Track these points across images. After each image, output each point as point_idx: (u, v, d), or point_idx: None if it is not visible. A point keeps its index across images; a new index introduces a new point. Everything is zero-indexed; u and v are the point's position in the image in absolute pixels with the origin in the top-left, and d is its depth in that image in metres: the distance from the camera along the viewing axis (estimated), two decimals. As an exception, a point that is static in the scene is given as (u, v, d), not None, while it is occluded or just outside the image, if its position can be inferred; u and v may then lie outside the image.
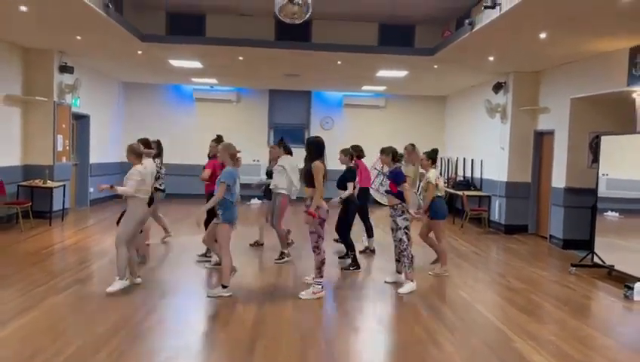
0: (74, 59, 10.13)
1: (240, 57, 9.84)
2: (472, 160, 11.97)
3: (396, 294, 5.77)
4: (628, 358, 4.39)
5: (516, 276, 6.89)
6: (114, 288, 5.30)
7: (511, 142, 10.17)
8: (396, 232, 5.97)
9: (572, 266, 7.23)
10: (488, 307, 5.59)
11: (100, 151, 12.18)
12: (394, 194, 5.92)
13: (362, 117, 14.68)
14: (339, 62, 9.93)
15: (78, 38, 8.57)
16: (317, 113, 14.75)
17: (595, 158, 7.91)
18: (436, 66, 9.95)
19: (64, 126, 10.25)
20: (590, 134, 8.62)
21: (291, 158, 7.29)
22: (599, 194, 7.27)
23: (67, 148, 10.44)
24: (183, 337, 4.43)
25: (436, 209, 6.72)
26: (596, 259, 7.10)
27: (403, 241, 5.90)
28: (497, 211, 10.55)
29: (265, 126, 14.60)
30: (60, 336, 4.23)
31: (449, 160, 13.57)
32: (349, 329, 4.82)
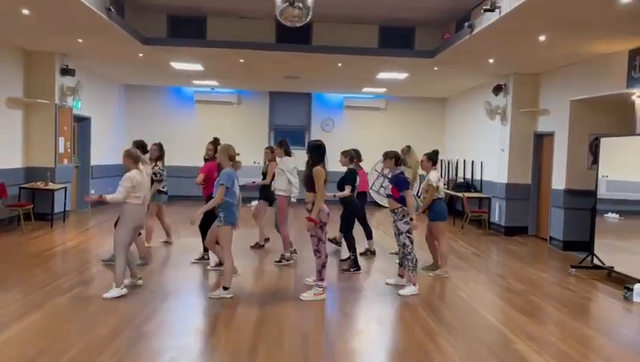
0: (75, 61, 10.17)
1: (241, 60, 9.88)
2: (472, 161, 12.00)
3: (397, 296, 5.79)
4: (627, 359, 4.41)
5: (516, 277, 6.91)
6: (110, 295, 5.28)
7: (511, 143, 10.19)
8: (399, 237, 6.00)
9: (572, 268, 7.25)
10: (488, 308, 5.62)
11: (101, 153, 12.22)
12: (396, 198, 5.94)
13: (363, 119, 14.72)
14: (339, 64, 9.97)
15: (80, 41, 8.61)
16: (317, 115, 14.79)
17: (595, 160, 7.94)
18: (436, 68, 9.99)
19: (66, 128, 10.28)
20: (590, 136, 8.65)
21: (290, 160, 7.26)
22: (599, 195, 7.29)
23: (68, 150, 10.47)
24: (185, 339, 4.46)
25: (437, 210, 6.75)
26: (596, 261, 7.12)
27: (406, 245, 5.92)
28: (497, 213, 10.57)
29: (265, 128, 14.63)
30: (63, 338, 4.26)
31: (449, 161, 13.59)
32: (350, 330, 4.85)
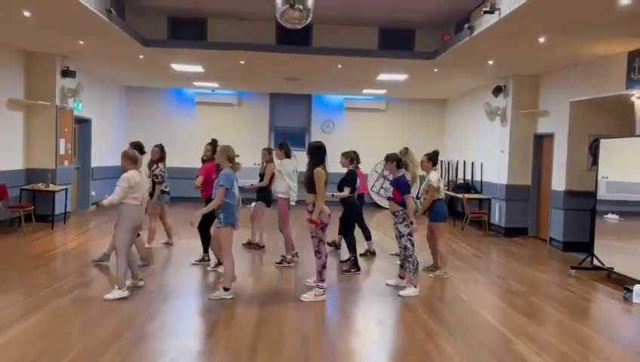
0: (76, 63, 10.19)
1: (241, 61, 9.90)
2: (472, 163, 12.01)
3: (397, 297, 5.80)
4: (627, 360, 4.42)
5: (516, 278, 6.92)
6: (111, 296, 5.29)
7: (511, 145, 10.21)
8: (400, 239, 6.01)
9: (572, 269, 7.26)
10: (488, 309, 5.64)
11: (102, 154, 12.23)
12: (397, 201, 5.95)
13: (363, 120, 14.73)
14: (339, 66, 9.99)
15: (81, 43, 8.63)
16: (317, 116, 14.81)
17: (595, 161, 7.95)
18: (436, 70, 10.01)
19: (66, 130, 10.30)
20: (590, 137, 8.66)
21: (290, 162, 7.25)
22: (599, 196, 7.30)
23: (69, 151, 10.49)
24: (186, 339, 4.47)
25: (437, 211, 6.76)
26: (596, 262, 7.13)
27: (408, 248, 5.93)
28: (497, 214, 10.58)
29: (266, 129, 14.65)
30: (64, 339, 4.27)
31: (449, 163, 13.61)
32: (350, 331, 4.86)
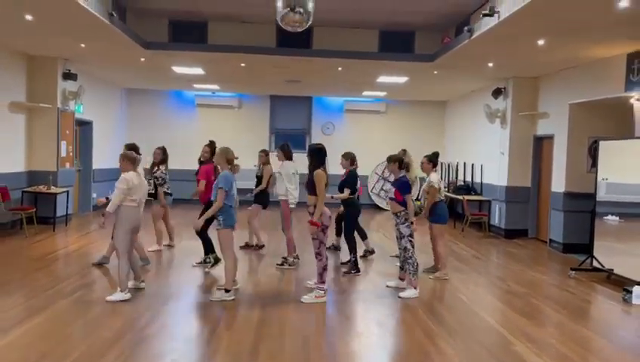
0: (77, 66, 10.24)
1: (242, 64, 9.94)
2: (472, 164, 12.04)
3: (397, 298, 5.82)
4: (626, 361, 4.44)
5: (516, 280, 6.95)
6: (114, 298, 5.31)
7: (511, 146, 10.24)
8: (400, 240, 6.03)
9: (571, 270, 7.28)
10: (488, 310, 5.66)
11: (103, 157, 12.27)
12: (398, 202, 5.97)
13: (363, 122, 14.77)
14: (339, 68, 10.03)
15: (82, 46, 8.67)
16: (318, 118, 14.84)
17: (594, 163, 7.98)
18: (436, 72, 10.04)
19: (68, 132, 10.34)
20: (589, 139, 8.69)
21: (291, 164, 7.24)
22: (599, 198, 7.32)
23: (71, 154, 10.53)
24: (187, 341, 4.50)
25: (438, 212, 6.78)
26: (595, 263, 7.15)
27: (408, 249, 5.95)
28: (497, 215, 10.61)
29: (266, 131, 14.69)
30: (66, 341, 4.29)
31: (449, 164, 13.63)
32: (351, 332, 4.88)
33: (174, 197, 8.14)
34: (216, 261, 6.71)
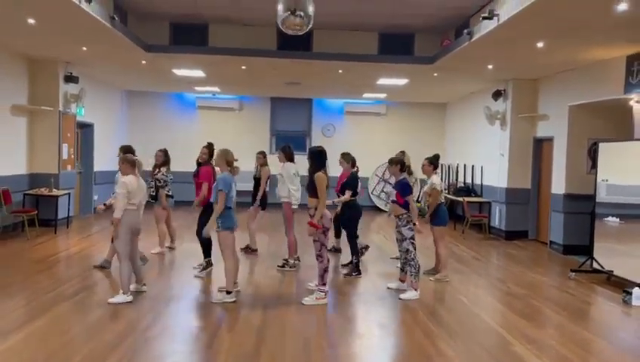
0: (79, 68, 10.27)
1: (243, 66, 9.98)
2: (473, 166, 12.06)
3: (397, 300, 5.84)
4: (625, 362, 4.47)
5: (516, 281, 6.97)
6: (116, 300, 5.33)
7: (511, 148, 10.26)
8: (402, 243, 6.05)
9: (571, 271, 7.30)
10: (488, 312, 5.68)
11: (104, 159, 12.29)
12: (400, 204, 5.99)
13: (363, 124, 14.80)
14: (340, 70, 10.06)
15: (84, 49, 8.71)
16: (318, 120, 14.88)
17: (594, 165, 8.00)
18: (436, 74, 10.07)
19: (69, 135, 10.38)
20: (589, 141, 8.71)
21: (291, 165, 7.25)
22: (599, 199, 7.34)
23: (72, 156, 10.57)
24: (189, 343, 4.53)
25: (439, 215, 6.81)
26: (595, 265, 7.18)
27: (410, 251, 5.97)
28: (498, 217, 10.63)
29: (267, 133, 14.72)
30: (68, 344, 4.31)
31: (449, 166, 13.66)
32: (352, 334, 4.91)
33: (175, 199, 8.17)
34: (207, 265, 6.71)
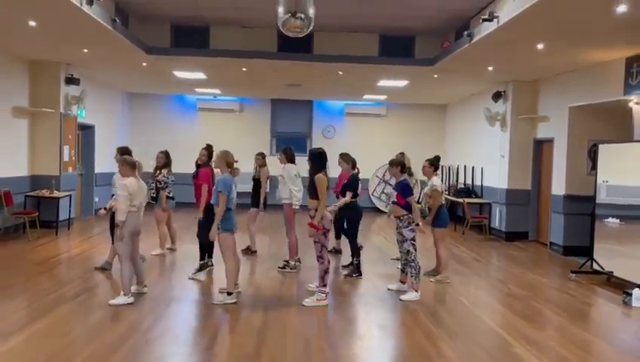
0: (80, 70, 10.30)
1: (243, 68, 10.00)
2: (473, 167, 12.08)
3: (398, 301, 5.86)
4: (625, 363, 4.48)
5: (516, 282, 6.97)
6: (117, 301, 5.35)
7: (511, 150, 10.28)
8: (403, 244, 6.07)
9: (572, 273, 7.31)
10: (489, 313, 5.69)
11: (105, 161, 12.28)
12: (401, 205, 6.01)
13: (364, 125, 14.82)
14: (340, 72, 10.09)
15: (85, 51, 8.74)
16: (319, 122, 14.90)
17: (594, 166, 8.01)
18: (436, 76, 10.09)
19: (70, 137, 10.40)
20: (589, 142, 8.73)
21: (292, 167, 7.27)
22: (599, 200, 7.36)
23: (73, 158, 10.59)
24: (190, 344, 4.55)
25: (439, 216, 6.82)
26: (595, 266, 7.18)
27: (410, 253, 5.99)
28: (498, 218, 10.64)
29: (267, 135, 14.75)
30: (69, 345, 4.33)
31: (450, 167, 13.68)
32: (352, 335, 4.92)
33: (176, 200, 8.18)
34: (200, 268, 6.71)
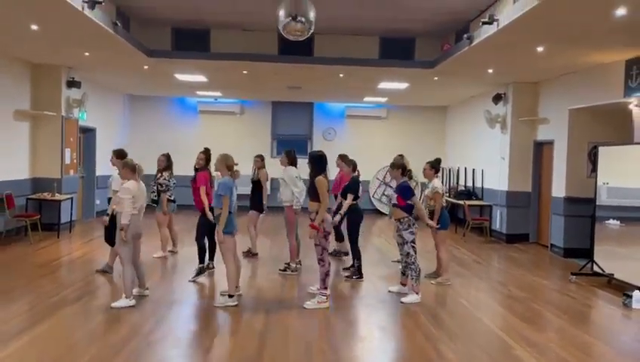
0: (81, 73, 10.33)
1: (244, 71, 10.03)
2: (473, 169, 12.09)
3: (399, 303, 5.87)
4: (625, 365, 4.49)
5: (517, 284, 6.99)
6: (118, 304, 5.37)
7: (511, 152, 10.29)
8: (403, 246, 6.09)
9: (572, 275, 7.32)
10: (489, 315, 5.71)
11: (106, 163, 12.27)
12: (401, 207, 6.03)
13: (364, 127, 14.85)
14: (341, 75, 10.11)
15: (87, 55, 8.77)
16: (319, 124, 14.93)
17: (594, 168, 8.03)
18: (436, 78, 10.11)
19: (72, 139, 10.43)
20: (589, 144, 8.74)
21: (293, 169, 7.30)
22: (599, 202, 7.37)
23: (75, 161, 10.61)
24: (191, 347, 4.57)
25: (440, 219, 6.83)
26: (596, 268, 7.19)
27: (410, 255, 6.01)
28: (498, 220, 10.65)
29: (268, 137, 14.77)
30: (72, 348, 4.35)
31: (450, 170, 13.70)
32: (353, 337, 4.94)
33: (177, 203, 8.20)
34: (199, 271, 6.73)
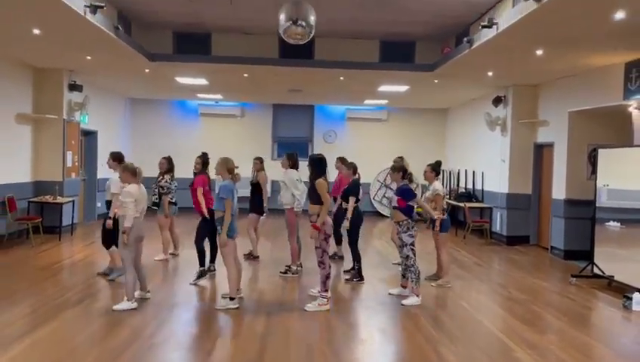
0: (83, 77, 10.37)
1: (245, 74, 10.07)
2: (474, 172, 12.11)
3: (399, 306, 5.89)
4: (625, 367, 4.51)
5: (517, 287, 7.00)
6: (120, 307, 5.39)
7: (511, 154, 10.31)
8: (402, 249, 6.11)
9: (572, 277, 7.34)
10: (489, 317, 5.72)
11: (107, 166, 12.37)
12: (401, 209, 6.05)
13: (365, 130, 14.87)
14: (341, 78, 10.15)
15: (88, 58, 8.81)
16: (320, 127, 14.96)
17: (594, 170, 8.04)
18: (436, 81, 10.15)
19: (73, 142, 10.47)
20: (589, 146, 8.76)
21: (294, 172, 7.32)
22: (599, 204, 7.38)
23: (76, 164, 10.65)
24: (193, 349, 4.58)
25: (440, 221, 6.86)
26: (596, 270, 7.21)
27: (410, 258, 6.03)
28: (499, 222, 10.67)
29: (269, 140, 14.80)
30: (75, 350, 4.37)
31: (450, 172, 13.72)
32: (354, 340, 4.96)
33: (178, 206, 8.23)
34: (200, 274, 6.74)
